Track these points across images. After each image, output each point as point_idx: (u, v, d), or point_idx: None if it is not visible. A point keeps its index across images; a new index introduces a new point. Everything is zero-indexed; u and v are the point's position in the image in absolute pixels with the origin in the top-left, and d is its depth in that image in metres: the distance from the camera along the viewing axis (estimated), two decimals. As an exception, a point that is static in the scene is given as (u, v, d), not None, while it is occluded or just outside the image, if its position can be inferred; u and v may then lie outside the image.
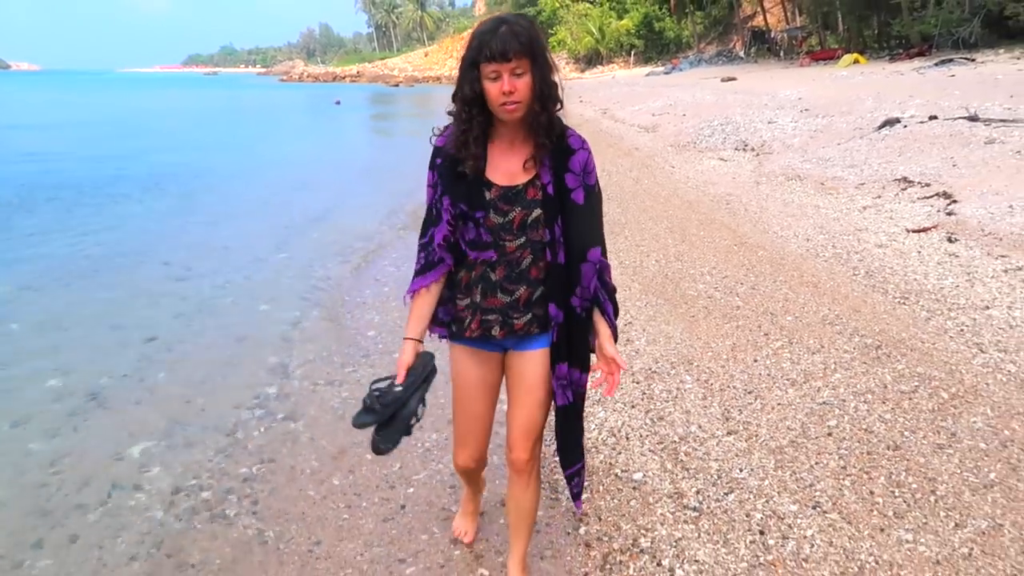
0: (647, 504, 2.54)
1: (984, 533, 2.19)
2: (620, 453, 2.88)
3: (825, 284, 4.40)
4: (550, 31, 64.65)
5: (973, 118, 7.92)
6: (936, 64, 21.43)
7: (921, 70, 20.57)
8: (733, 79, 27.57)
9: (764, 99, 14.09)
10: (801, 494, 2.48)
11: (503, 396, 1.94)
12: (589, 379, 1.84)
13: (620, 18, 59.09)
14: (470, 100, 1.58)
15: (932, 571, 2.06)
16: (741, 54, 45.68)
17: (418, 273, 1.78)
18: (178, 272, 6.16)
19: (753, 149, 9.63)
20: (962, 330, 3.55)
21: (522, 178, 1.67)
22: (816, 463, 2.65)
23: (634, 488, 2.64)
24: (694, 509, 2.48)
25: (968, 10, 23.89)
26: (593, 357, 1.82)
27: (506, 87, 1.52)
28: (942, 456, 2.58)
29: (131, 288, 5.73)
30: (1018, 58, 20.77)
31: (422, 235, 1.78)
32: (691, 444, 2.88)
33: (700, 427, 3.00)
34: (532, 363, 1.78)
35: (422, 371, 1.81)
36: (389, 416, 1.74)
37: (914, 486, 2.44)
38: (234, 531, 2.63)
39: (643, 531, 2.40)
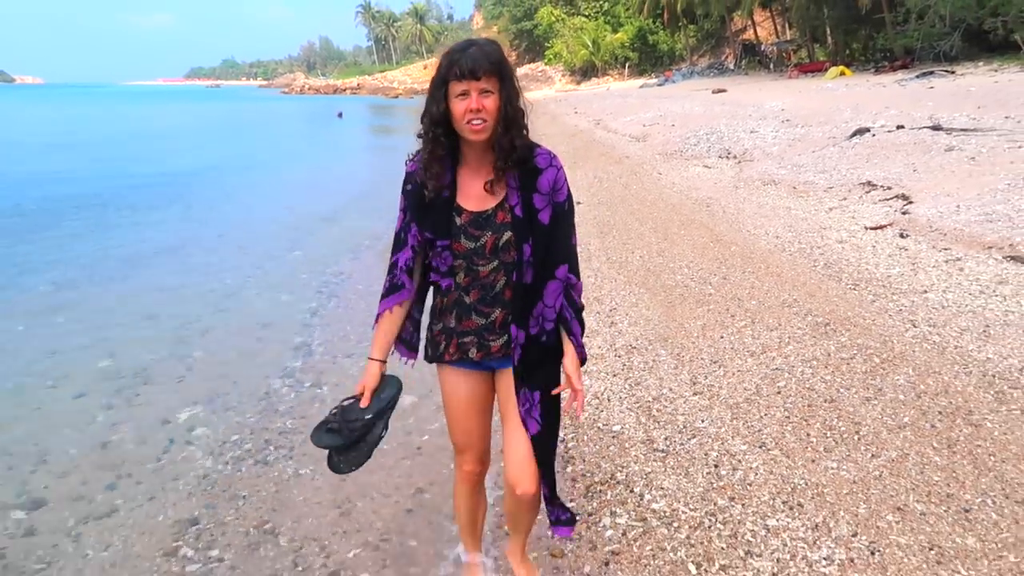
0: (623, 448, 3.04)
1: (893, 460, 2.70)
2: (603, 411, 3.39)
3: (788, 274, 4.93)
4: (547, 44, 65.60)
5: (936, 127, 8.52)
6: (917, 76, 22.18)
7: (902, 82, 21.29)
8: (723, 91, 28.27)
9: (749, 110, 14.73)
10: (751, 437, 2.99)
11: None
12: (562, 399, 1.81)
13: (615, 31, 60.06)
14: (438, 119, 1.59)
15: (849, 489, 2.57)
16: (731, 66, 46.53)
17: (383, 296, 1.80)
18: (201, 270, 6.67)
19: (735, 157, 10.23)
20: (900, 310, 4.08)
21: (491, 202, 1.67)
22: (765, 414, 3.16)
23: (613, 437, 3.14)
24: (662, 451, 2.98)
25: (949, 24, 24.66)
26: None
27: (474, 104, 1.53)
28: (868, 406, 3.09)
29: (159, 284, 6.24)
30: (995, 70, 21.52)
31: (391, 257, 1.80)
32: (662, 403, 3.39)
33: (671, 390, 3.50)
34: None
35: (389, 398, 1.79)
36: (354, 440, 1.73)
37: (843, 429, 2.95)
38: (274, 471, 3.13)
39: (619, 468, 2.90)
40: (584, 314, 1.83)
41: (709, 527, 2.46)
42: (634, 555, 2.37)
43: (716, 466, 2.82)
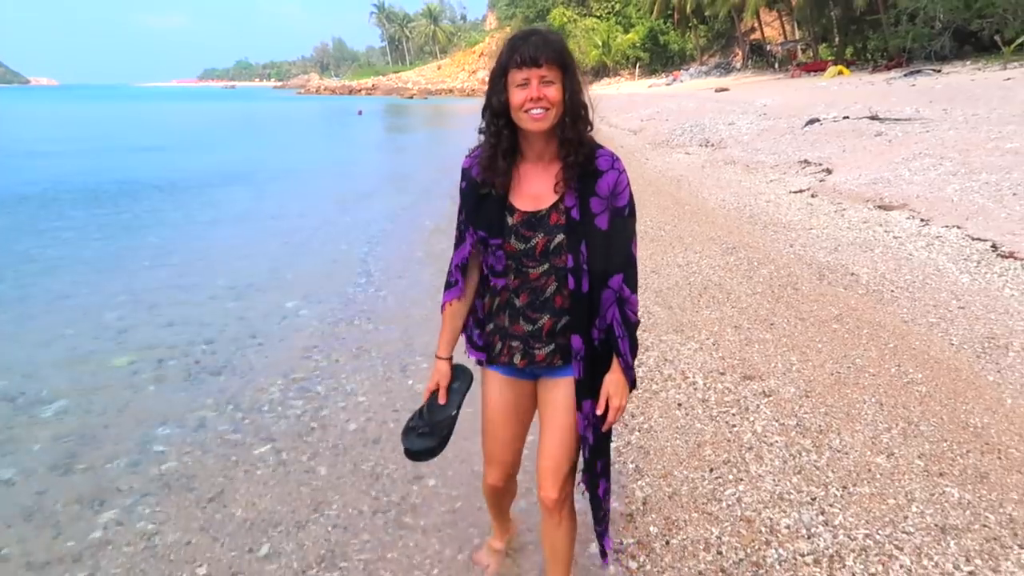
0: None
1: (743, 308, 4.40)
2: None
3: (720, 222, 6.64)
4: (558, 45, 67.26)
5: (873, 117, 10.12)
6: (905, 75, 23.64)
7: (890, 80, 22.75)
8: (726, 90, 29.85)
9: (738, 107, 16.37)
10: (664, 305, 4.70)
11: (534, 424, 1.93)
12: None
13: (626, 32, 61.64)
14: (500, 111, 1.55)
15: (713, 322, 4.26)
16: (738, 66, 47.91)
17: (445, 287, 1.79)
18: (272, 230, 8.50)
19: (712, 145, 11.91)
20: (787, 239, 5.78)
21: (546, 203, 1.60)
22: (676, 295, 4.87)
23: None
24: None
25: (939, 25, 26.06)
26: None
27: (534, 93, 1.48)
28: (742, 285, 4.80)
29: (243, 238, 8.07)
30: (979, 69, 22.91)
31: (453, 253, 1.78)
32: (613, 292, 5.11)
33: (620, 286, 5.23)
34: (559, 390, 1.72)
35: (464, 389, 1.84)
36: (444, 437, 1.80)
37: (720, 297, 4.66)
38: (362, 328, 4.89)
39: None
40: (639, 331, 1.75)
41: (627, 342, 4.18)
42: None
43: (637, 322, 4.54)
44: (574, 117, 1.55)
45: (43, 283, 6.29)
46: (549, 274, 1.63)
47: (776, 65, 43.45)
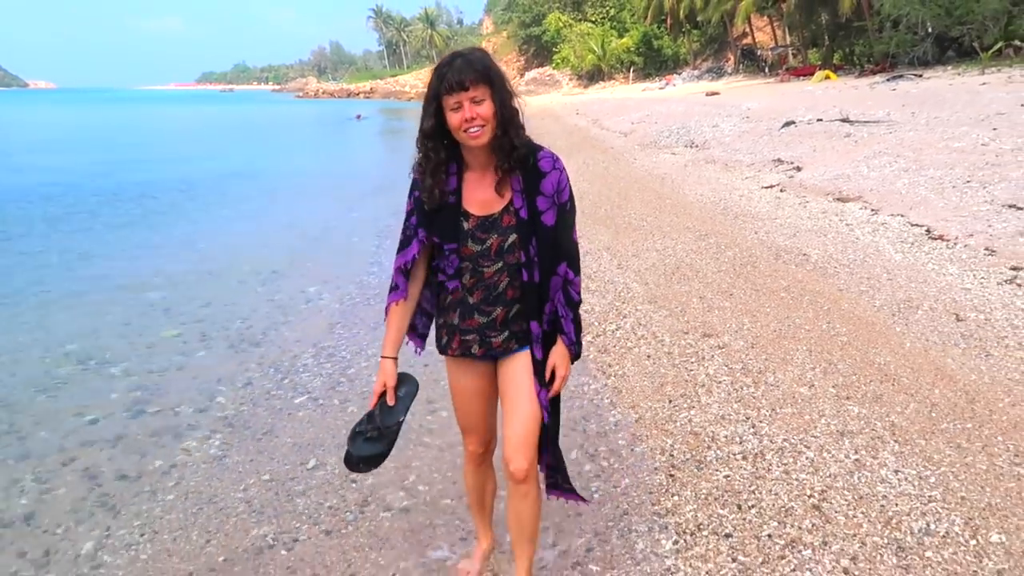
0: (572, 291, 5.46)
1: (708, 283, 5.09)
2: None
3: (696, 214, 7.35)
4: (554, 49, 68.12)
5: (845, 120, 10.85)
6: (888, 80, 24.43)
7: (874, 85, 23.55)
8: (716, 93, 30.60)
9: (724, 110, 17.12)
10: (640, 281, 5.38)
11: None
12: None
13: (620, 36, 62.42)
14: (429, 133, 1.70)
15: (682, 295, 4.95)
16: (729, 70, 48.76)
17: (389, 291, 1.91)
18: (288, 223, 9.20)
19: (697, 146, 12.64)
20: (754, 227, 6.49)
21: (496, 206, 1.75)
22: (652, 273, 5.56)
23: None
24: (590, 291, 5.38)
25: (922, 31, 26.90)
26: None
27: (468, 114, 1.61)
28: (709, 265, 5.50)
29: (263, 230, 8.77)
30: (959, 74, 23.70)
31: (395, 257, 1.86)
32: (597, 276, 5.78)
33: (605, 269, 5.91)
34: (516, 364, 1.85)
35: (411, 394, 1.90)
36: (391, 443, 1.83)
37: (690, 275, 5.35)
38: (378, 308, 5.50)
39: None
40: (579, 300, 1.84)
41: (607, 312, 4.86)
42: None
43: (619, 292, 5.23)
44: (506, 126, 1.69)
45: (83, 268, 6.98)
46: (503, 271, 1.77)
47: (767, 69, 44.29)
